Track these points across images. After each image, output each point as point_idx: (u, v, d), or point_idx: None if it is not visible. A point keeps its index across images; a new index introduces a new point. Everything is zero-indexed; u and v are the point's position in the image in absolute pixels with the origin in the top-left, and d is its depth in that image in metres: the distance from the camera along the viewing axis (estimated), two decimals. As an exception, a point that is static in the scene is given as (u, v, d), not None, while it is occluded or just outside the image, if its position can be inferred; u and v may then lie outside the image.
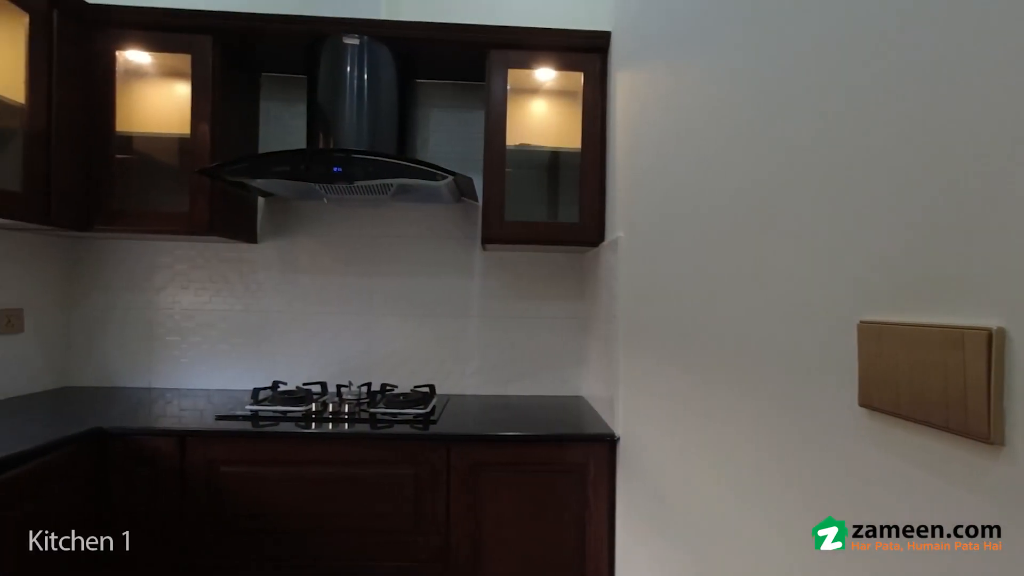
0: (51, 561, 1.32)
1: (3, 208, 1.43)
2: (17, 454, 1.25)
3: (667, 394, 1.17)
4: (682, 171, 1.10)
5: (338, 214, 2.09)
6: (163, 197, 1.86)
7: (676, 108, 1.15)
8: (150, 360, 2.06)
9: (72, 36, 1.63)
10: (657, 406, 1.25)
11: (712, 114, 0.96)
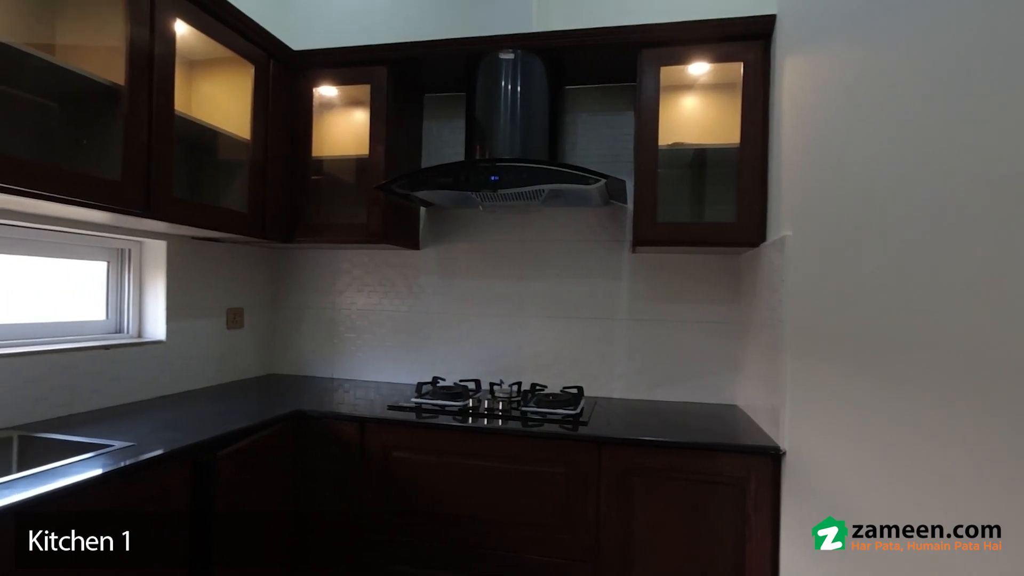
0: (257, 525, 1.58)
1: (235, 226, 1.77)
2: (246, 427, 1.52)
3: (859, 408, 1.05)
4: (883, 163, 0.98)
5: (491, 221, 2.21)
6: (344, 211, 2.13)
7: (873, 93, 1.02)
8: (332, 353, 2.36)
9: (282, 80, 1.95)
10: (842, 421, 1.12)
11: (928, 99, 0.84)
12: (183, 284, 1.92)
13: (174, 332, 1.88)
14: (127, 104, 1.34)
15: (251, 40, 1.78)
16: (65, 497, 1.04)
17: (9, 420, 1.40)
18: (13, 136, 1.23)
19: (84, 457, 1.20)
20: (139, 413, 1.62)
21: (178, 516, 1.30)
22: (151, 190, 1.42)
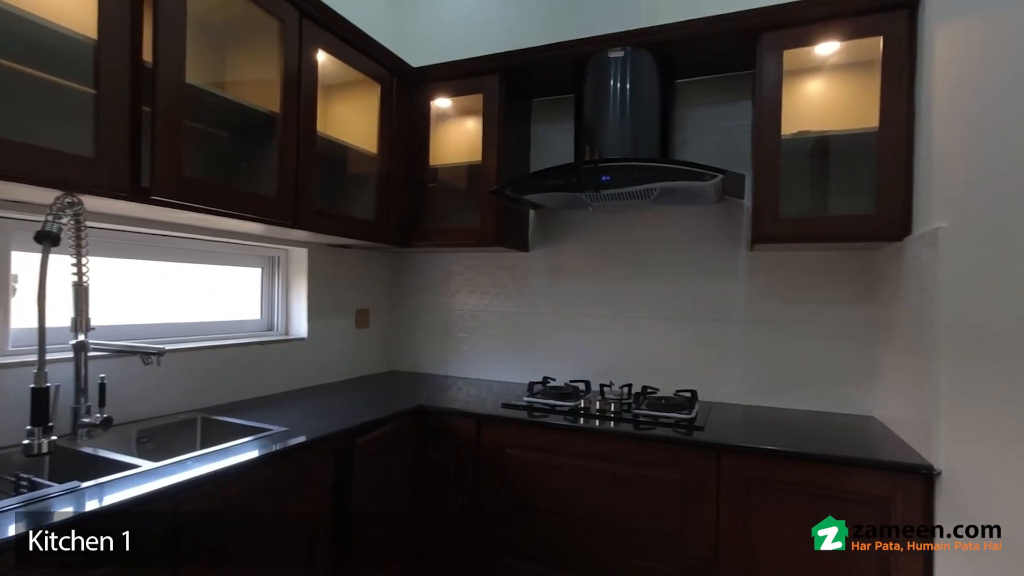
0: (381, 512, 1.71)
1: (365, 233, 1.93)
2: (377, 419, 1.65)
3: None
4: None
5: (599, 221, 2.21)
6: (457, 216, 2.23)
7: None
8: (447, 352, 2.49)
9: (403, 95, 2.10)
10: (1017, 438, 0.98)
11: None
12: (321, 287, 2.14)
13: (314, 330, 2.10)
14: (281, 129, 1.53)
15: (378, 61, 1.94)
16: (241, 472, 1.21)
17: (192, 404, 1.64)
18: (197, 163, 1.45)
19: (252, 438, 1.39)
20: (287, 402, 1.83)
21: (323, 494, 1.45)
22: (299, 204, 1.60)
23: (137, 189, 1.18)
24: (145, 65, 1.19)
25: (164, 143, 1.21)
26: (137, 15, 1.16)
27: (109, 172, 1.12)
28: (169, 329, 1.71)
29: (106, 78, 1.11)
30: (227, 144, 1.60)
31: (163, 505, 1.05)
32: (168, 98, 1.21)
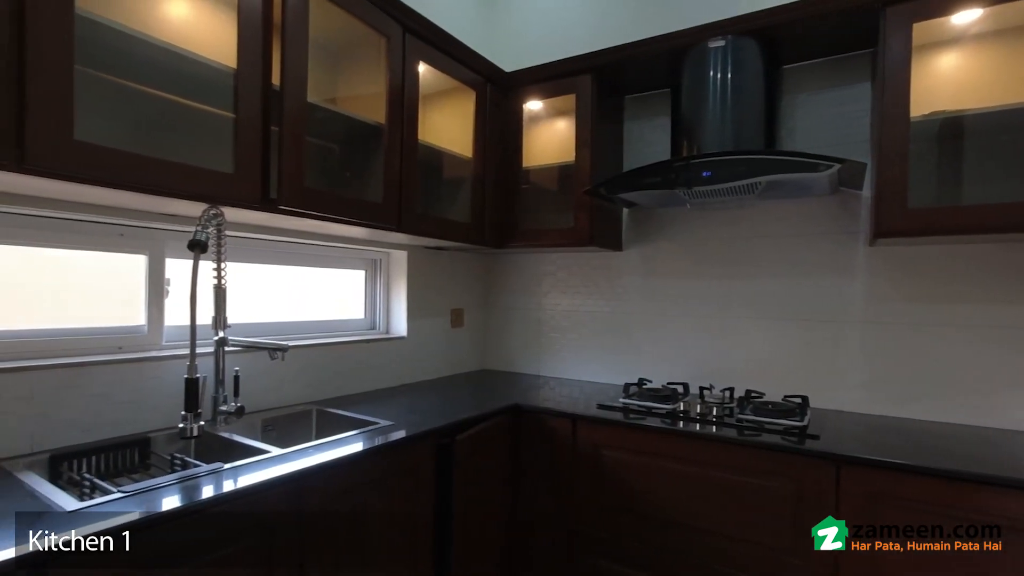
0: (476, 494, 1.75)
1: (461, 235, 2.00)
2: (475, 417, 1.70)
3: None
4: None
5: (696, 218, 2.12)
6: (550, 216, 2.24)
7: None
8: (538, 352, 2.51)
9: (497, 100, 2.14)
10: None
11: None
12: (419, 288, 2.24)
13: (413, 329, 2.20)
14: (387, 138, 1.62)
15: (473, 69, 2.00)
16: (355, 460, 1.30)
17: (308, 396, 1.78)
18: (314, 174, 1.56)
19: (361, 431, 1.48)
20: (389, 397, 1.93)
21: (426, 487, 1.51)
22: (402, 208, 1.68)
23: (266, 200, 1.30)
24: (273, 88, 1.30)
25: (289, 158, 1.32)
26: (268, 44, 1.28)
27: (245, 186, 1.25)
28: (285, 327, 1.87)
29: (243, 102, 1.23)
30: (336, 155, 1.71)
31: (289, 487, 1.14)
32: (292, 117, 1.33)
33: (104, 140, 1.02)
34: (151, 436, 1.34)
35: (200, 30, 1.26)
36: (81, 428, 1.25)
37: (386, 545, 1.37)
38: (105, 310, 1.41)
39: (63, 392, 1.22)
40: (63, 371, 1.23)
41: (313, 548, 1.18)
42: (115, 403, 1.31)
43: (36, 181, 0.99)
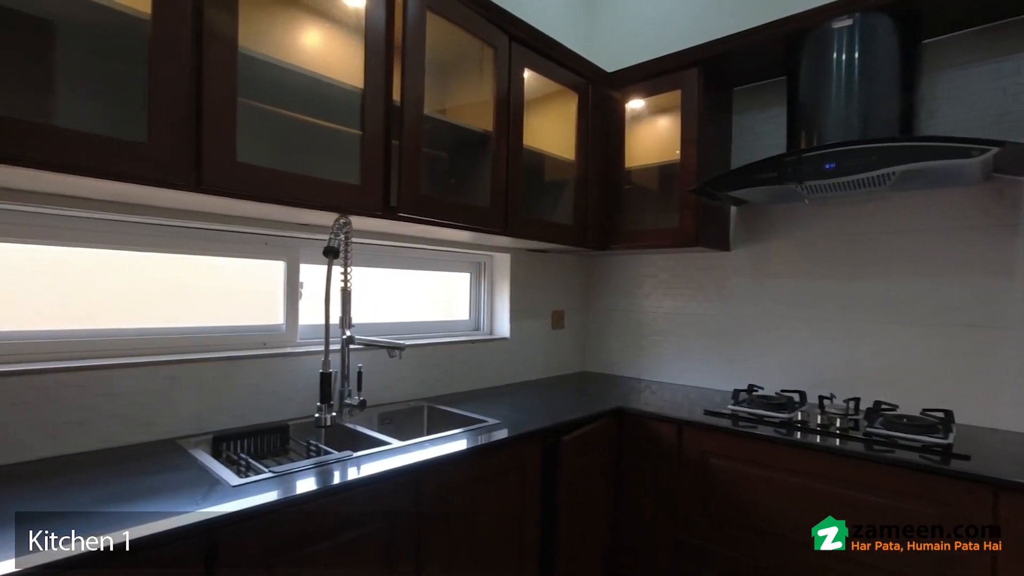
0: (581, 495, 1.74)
1: (564, 237, 2.01)
2: (580, 418, 1.70)
3: None
4: None
5: (814, 214, 1.97)
6: (653, 217, 2.19)
7: None
8: (639, 355, 2.46)
9: (598, 101, 2.13)
10: None
11: None
12: (521, 290, 2.28)
13: (515, 330, 2.25)
14: (494, 145, 1.68)
15: (576, 72, 2.01)
16: (467, 456, 1.36)
17: (419, 393, 1.89)
18: (427, 182, 1.64)
19: (471, 428, 1.54)
20: (493, 397, 1.99)
21: (532, 487, 1.54)
22: (508, 212, 1.73)
23: (387, 208, 1.40)
24: (393, 104, 1.40)
25: (407, 168, 1.41)
26: (390, 64, 1.38)
27: (370, 195, 1.35)
28: (397, 327, 1.98)
29: (369, 119, 1.34)
30: (445, 163, 1.80)
31: (409, 477, 1.22)
32: (411, 130, 1.42)
33: (256, 160, 1.15)
34: (289, 423, 1.49)
35: (332, 56, 1.38)
36: (235, 414, 1.43)
37: (495, 539, 1.42)
38: (251, 311, 1.59)
39: (221, 382, 1.40)
40: (222, 364, 1.40)
41: (429, 534, 1.25)
42: (261, 393, 1.48)
43: (206, 199, 1.15)
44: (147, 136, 0.99)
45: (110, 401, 1.22)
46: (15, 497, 0.95)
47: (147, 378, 1.28)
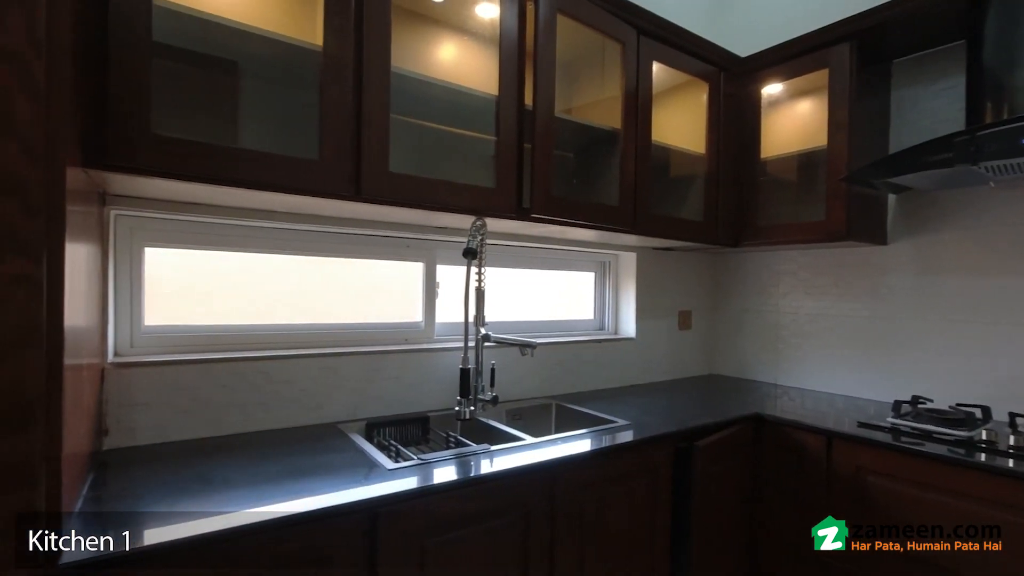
0: (734, 513, 1.64)
1: (694, 234, 1.93)
2: (715, 423, 1.62)
3: None
4: None
5: (998, 201, 1.69)
6: (794, 210, 2.02)
7: None
8: (775, 358, 2.28)
9: (730, 89, 2.02)
10: None
11: None
12: (647, 289, 2.23)
13: (641, 330, 2.20)
14: (622, 142, 1.65)
15: (706, 60, 1.92)
16: (599, 455, 1.35)
17: (545, 391, 1.92)
18: (557, 183, 1.65)
19: (601, 428, 1.53)
20: (619, 397, 1.96)
21: (663, 492, 1.49)
22: (636, 211, 1.70)
23: (520, 210, 1.44)
24: (525, 108, 1.44)
25: (539, 170, 1.45)
26: (522, 69, 1.42)
27: (504, 198, 1.40)
28: (522, 326, 2.03)
29: (503, 124, 1.39)
30: (572, 163, 1.81)
31: (544, 474, 1.24)
32: (542, 132, 1.45)
33: (404, 169, 1.25)
34: (429, 415, 1.60)
35: (467, 66, 1.46)
36: (382, 403, 1.55)
37: (625, 543, 1.40)
38: (393, 309, 1.73)
39: (371, 374, 1.54)
40: (372, 357, 1.54)
41: (561, 530, 1.26)
42: (404, 385, 1.59)
43: (361, 206, 1.26)
44: (319, 154, 1.12)
45: (287, 387, 1.40)
46: (224, 465, 1.13)
47: (314, 368, 1.44)
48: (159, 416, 1.24)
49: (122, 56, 0.91)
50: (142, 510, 0.91)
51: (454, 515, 1.10)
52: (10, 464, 0.69)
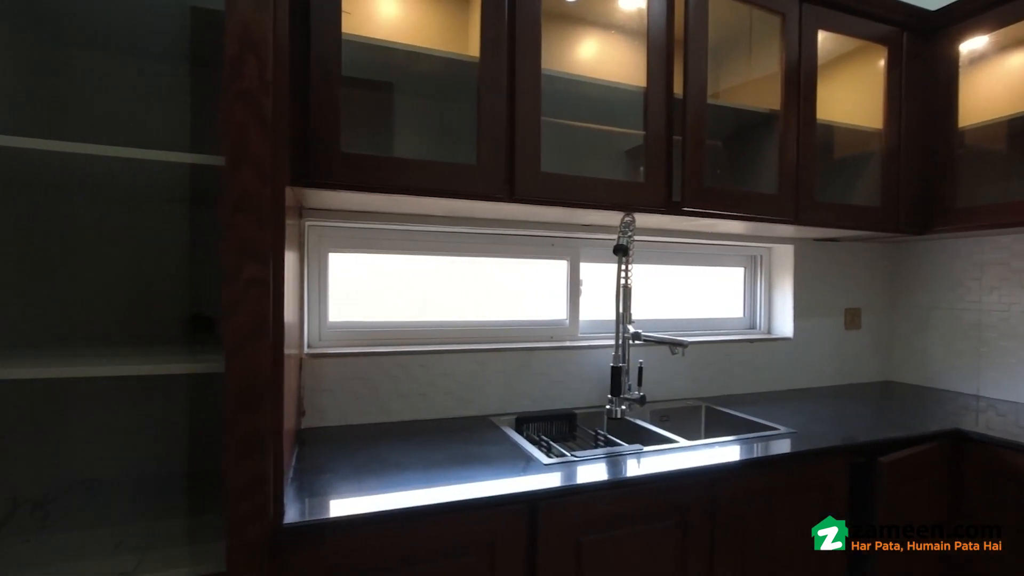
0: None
1: (868, 222, 1.70)
2: (903, 438, 1.41)
3: None
4: None
5: None
6: (996, 188, 1.70)
7: None
8: (977, 365, 1.93)
9: (915, 51, 1.74)
10: None
11: None
12: (806, 285, 2.02)
13: (800, 330, 2.00)
14: (781, 124, 1.52)
15: (884, 20, 1.67)
16: (764, 465, 1.26)
17: (692, 392, 1.83)
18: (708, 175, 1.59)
19: (763, 435, 1.42)
20: (776, 402, 1.79)
21: (837, 510, 1.34)
22: (799, 199, 1.55)
23: (670, 203, 1.39)
24: (674, 98, 1.38)
25: (690, 161, 1.38)
26: (671, 57, 1.36)
27: (653, 192, 1.36)
28: (664, 324, 1.95)
29: (651, 116, 1.35)
30: (721, 152, 1.70)
31: (703, 478, 1.18)
32: (694, 121, 1.38)
33: (553, 168, 1.27)
34: (576, 412, 1.61)
35: (612, 61, 1.44)
36: (530, 399, 1.60)
37: (791, 558, 1.28)
38: (538, 307, 1.77)
39: (520, 370, 1.59)
40: (520, 353, 1.59)
41: (721, 539, 1.19)
42: (551, 381, 1.62)
43: (513, 207, 1.31)
44: (476, 158, 1.18)
45: (443, 380, 1.50)
46: (395, 449, 1.24)
47: (466, 363, 1.53)
48: (341, 401, 1.40)
49: (320, 89, 1.05)
50: (338, 483, 1.04)
51: (610, 513, 1.10)
52: (247, 437, 0.83)
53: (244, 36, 0.79)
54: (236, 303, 0.81)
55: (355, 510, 0.92)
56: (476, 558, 0.99)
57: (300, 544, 0.88)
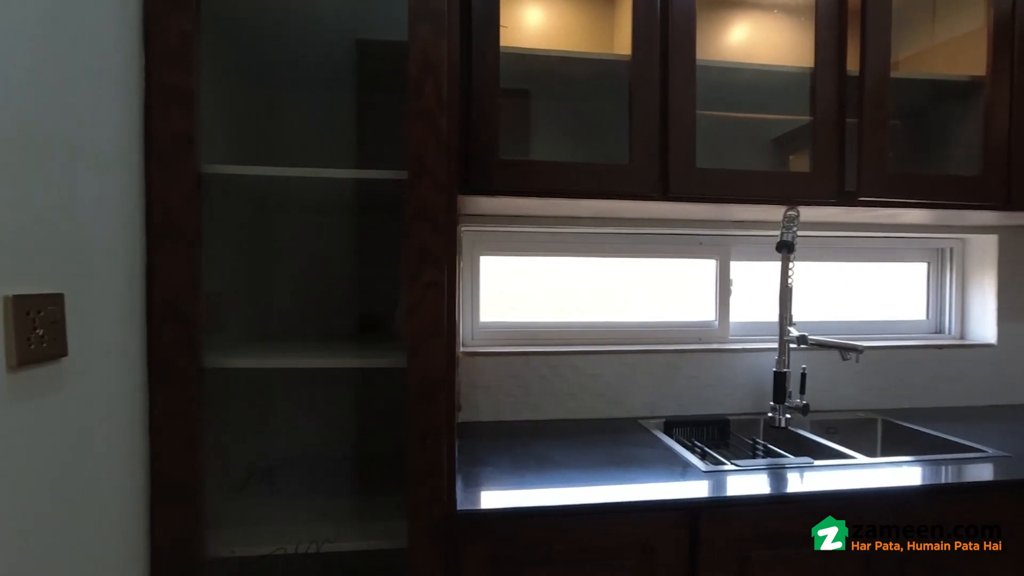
0: None
1: None
2: None
3: None
4: None
5: None
6: None
7: None
8: None
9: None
10: None
11: None
12: (1016, 282, 1.69)
13: (1006, 335, 1.69)
14: (988, 93, 1.29)
15: None
16: (971, 490, 1.08)
17: (864, 403, 1.63)
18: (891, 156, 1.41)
19: (961, 456, 1.22)
20: (974, 419, 1.53)
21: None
22: (1012, 180, 1.31)
23: (843, 194, 1.25)
24: (847, 76, 1.24)
25: (869, 145, 1.23)
26: (843, 32, 1.23)
27: (823, 182, 1.24)
28: (829, 327, 1.75)
29: (820, 99, 1.23)
30: (901, 131, 1.49)
31: (890, 501, 1.05)
32: (874, 100, 1.23)
33: (708, 163, 1.21)
34: (729, 418, 1.52)
35: (769, 44, 1.34)
36: (678, 403, 1.54)
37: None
38: (687, 307, 1.70)
39: (668, 372, 1.54)
40: (668, 355, 1.54)
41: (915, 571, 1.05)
42: (701, 385, 1.55)
43: (665, 205, 1.27)
44: (629, 157, 1.17)
45: (592, 381, 1.50)
46: (549, 447, 1.27)
47: (616, 364, 1.52)
48: (495, 398, 1.47)
49: (481, 102, 1.11)
50: (499, 476, 1.09)
51: (780, 530, 1.02)
52: (425, 428, 0.90)
53: (423, 60, 0.86)
54: (417, 304, 0.88)
55: (521, 503, 0.96)
56: (635, 561, 0.98)
57: (470, 531, 0.94)
